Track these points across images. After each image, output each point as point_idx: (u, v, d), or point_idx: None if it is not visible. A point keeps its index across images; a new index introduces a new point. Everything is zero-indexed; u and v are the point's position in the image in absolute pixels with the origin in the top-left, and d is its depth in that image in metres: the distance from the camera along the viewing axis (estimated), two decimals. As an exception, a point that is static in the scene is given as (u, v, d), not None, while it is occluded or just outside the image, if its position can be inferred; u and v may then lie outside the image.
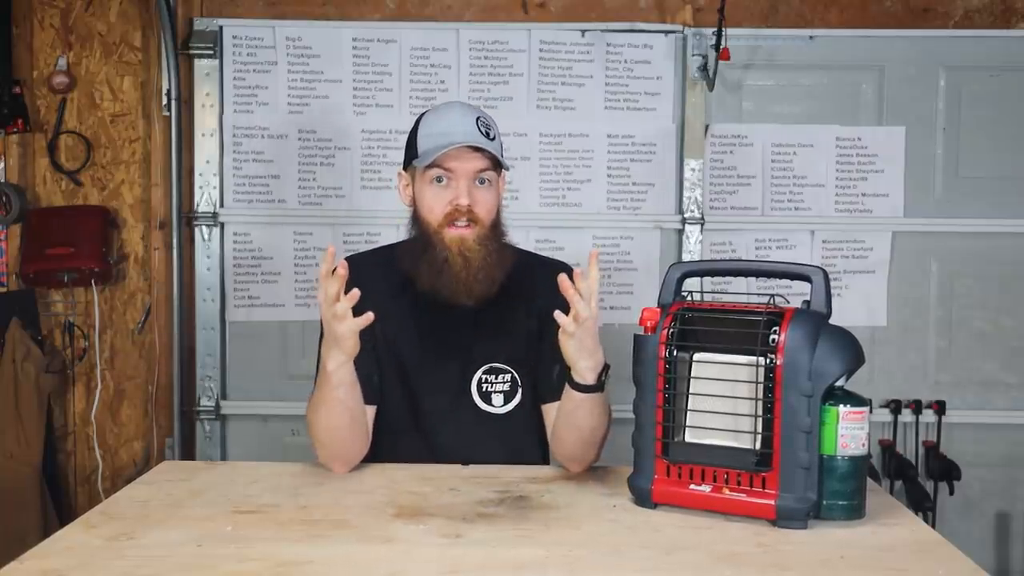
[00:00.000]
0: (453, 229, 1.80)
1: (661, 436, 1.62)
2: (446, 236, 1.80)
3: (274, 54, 3.04)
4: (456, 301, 1.81)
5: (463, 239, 1.80)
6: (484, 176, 1.82)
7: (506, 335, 1.88)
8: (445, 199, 1.80)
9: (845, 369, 1.54)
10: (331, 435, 1.76)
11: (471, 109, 1.87)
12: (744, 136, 3.07)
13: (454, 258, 1.79)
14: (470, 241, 1.80)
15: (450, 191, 1.80)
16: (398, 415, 1.87)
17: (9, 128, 2.98)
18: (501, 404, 1.88)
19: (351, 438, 1.78)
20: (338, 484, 1.75)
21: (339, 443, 1.77)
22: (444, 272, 1.80)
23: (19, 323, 2.94)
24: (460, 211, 1.79)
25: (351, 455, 1.79)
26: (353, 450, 1.79)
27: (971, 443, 3.09)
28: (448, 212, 1.80)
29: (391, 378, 1.87)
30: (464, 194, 1.79)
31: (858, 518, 1.56)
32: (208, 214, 3.04)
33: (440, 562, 1.38)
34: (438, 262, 1.79)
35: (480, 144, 1.79)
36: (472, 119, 1.82)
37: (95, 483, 3.08)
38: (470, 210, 1.79)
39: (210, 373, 3.07)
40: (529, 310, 1.89)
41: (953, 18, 3.07)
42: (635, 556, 1.41)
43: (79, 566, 1.34)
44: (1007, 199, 3.06)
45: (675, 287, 1.70)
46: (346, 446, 1.78)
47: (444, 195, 1.81)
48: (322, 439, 1.77)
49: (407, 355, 1.87)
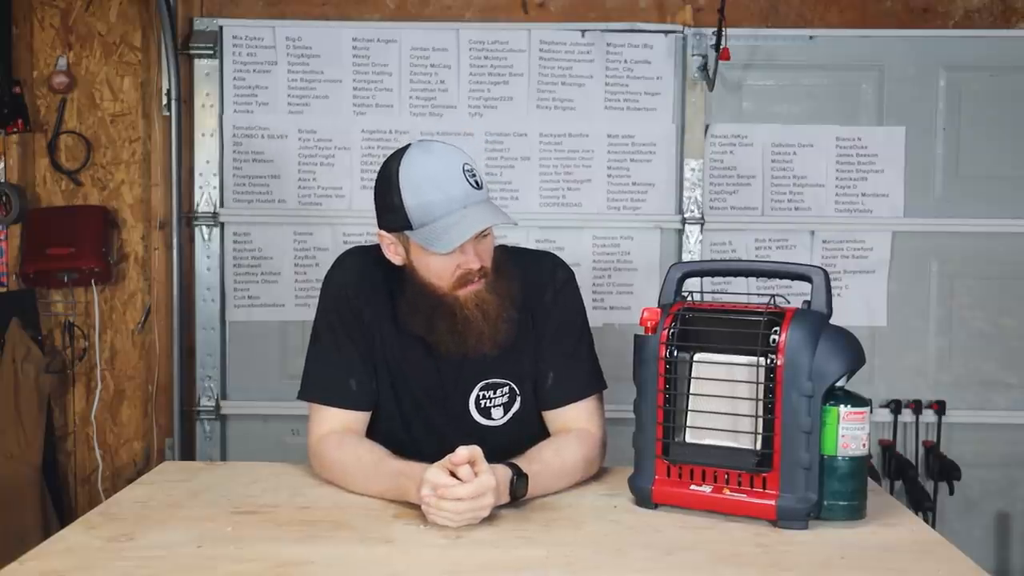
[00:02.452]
0: (466, 288, 1.73)
1: (661, 436, 1.62)
2: (461, 296, 1.74)
3: (274, 54, 3.04)
4: (480, 351, 1.76)
5: (478, 293, 1.74)
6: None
7: (501, 348, 1.82)
8: (453, 264, 1.71)
9: (846, 369, 1.54)
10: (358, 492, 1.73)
11: (451, 158, 1.70)
12: (744, 136, 3.07)
13: (473, 314, 1.74)
14: (484, 293, 1.74)
15: (455, 256, 1.70)
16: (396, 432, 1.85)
17: (9, 128, 2.98)
18: (501, 416, 1.86)
19: None
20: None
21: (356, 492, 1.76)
22: (467, 329, 1.75)
23: (19, 323, 2.94)
24: (473, 273, 1.72)
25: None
26: None
27: (971, 443, 3.08)
28: (459, 275, 1.72)
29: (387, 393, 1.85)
30: (474, 259, 1.71)
31: (859, 518, 1.57)
32: (208, 214, 3.04)
33: (440, 563, 1.38)
34: (458, 322, 1.74)
35: (489, 216, 1.68)
36: (460, 175, 1.68)
37: (95, 483, 3.07)
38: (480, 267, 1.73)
39: (210, 373, 3.06)
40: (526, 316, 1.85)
41: (953, 18, 3.07)
42: (636, 556, 1.41)
43: (79, 567, 1.34)
44: (1007, 199, 3.05)
45: (675, 287, 1.70)
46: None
47: (451, 261, 1.71)
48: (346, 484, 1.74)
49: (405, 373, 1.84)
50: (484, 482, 1.51)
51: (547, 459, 1.71)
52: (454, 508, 1.50)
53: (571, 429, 1.82)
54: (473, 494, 1.50)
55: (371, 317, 1.82)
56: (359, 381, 1.82)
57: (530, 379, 1.86)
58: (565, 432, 1.82)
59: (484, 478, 1.52)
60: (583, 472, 1.78)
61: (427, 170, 1.68)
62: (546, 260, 1.92)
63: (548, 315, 1.85)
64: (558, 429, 1.84)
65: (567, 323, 1.87)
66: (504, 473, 1.59)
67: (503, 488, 1.58)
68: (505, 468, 1.60)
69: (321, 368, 1.85)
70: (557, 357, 1.84)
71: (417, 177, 1.68)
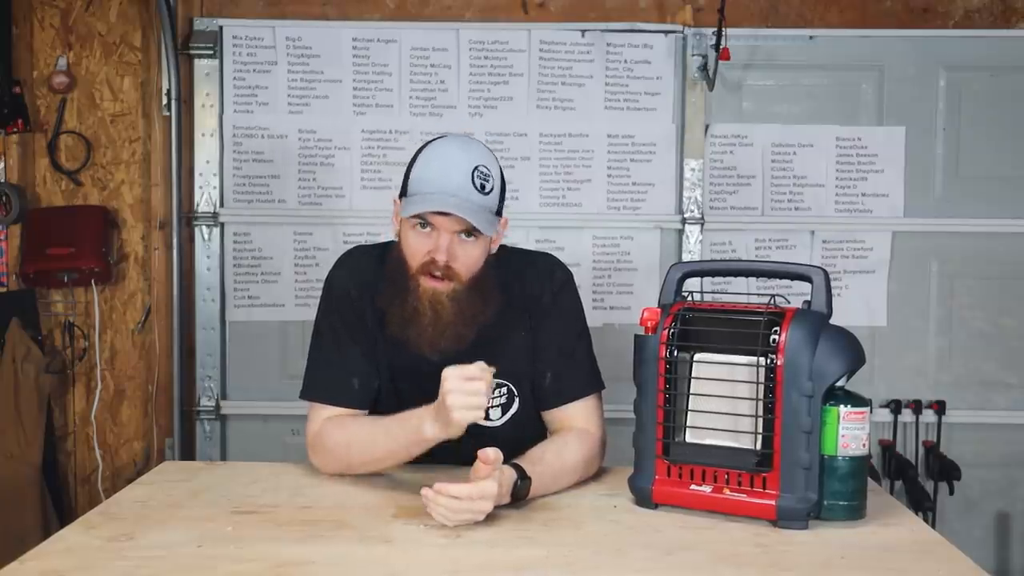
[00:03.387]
0: (428, 280, 1.72)
1: (662, 436, 1.62)
2: (421, 284, 1.73)
3: (274, 54, 3.04)
4: (421, 353, 1.75)
5: (435, 292, 1.72)
6: (472, 231, 1.72)
7: (501, 349, 1.81)
8: (425, 247, 1.72)
9: (846, 369, 1.54)
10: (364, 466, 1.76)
11: (472, 156, 1.73)
12: (744, 136, 3.07)
13: (424, 309, 1.73)
14: (442, 295, 1.72)
15: (430, 241, 1.71)
16: None
17: (9, 128, 2.98)
18: (499, 417, 1.85)
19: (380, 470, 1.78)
20: (338, 484, 1.75)
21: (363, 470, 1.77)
22: (412, 322, 1.74)
23: (19, 323, 2.94)
24: (436, 264, 1.71)
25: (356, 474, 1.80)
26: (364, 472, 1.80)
27: (971, 443, 3.08)
28: (425, 261, 1.72)
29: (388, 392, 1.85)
30: (443, 250, 1.70)
31: (859, 518, 1.57)
32: (208, 214, 3.04)
33: (440, 562, 1.38)
34: (407, 310, 1.73)
35: (463, 210, 1.67)
36: (469, 170, 1.70)
37: (95, 483, 3.07)
38: (447, 265, 1.71)
39: (210, 373, 3.06)
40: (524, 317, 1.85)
41: (953, 18, 3.07)
42: (636, 556, 1.41)
43: (79, 567, 1.34)
44: (1007, 199, 3.05)
45: (675, 287, 1.70)
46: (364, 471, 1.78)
47: (424, 243, 1.72)
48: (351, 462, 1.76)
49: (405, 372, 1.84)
50: (485, 488, 1.51)
51: (549, 460, 1.71)
52: (448, 505, 1.50)
53: (570, 429, 1.82)
54: (469, 495, 1.50)
55: (373, 316, 1.82)
56: (361, 380, 1.82)
57: (528, 380, 1.86)
58: (565, 432, 1.81)
59: (486, 484, 1.52)
60: (583, 472, 1.78)
61: (443, 151, 1.75)
62: (544, 261, 1.92)
63: (546, 316, 1.85)
64: (557, 429, 1.84)
65: (565, 324, 1.87)
66: (509, 474, 1.59)
67: (505, 489, 1.58)
68: (510, 470, 1.61)
69: (323, 368, 1.85)
70: (555, 357, 1.84)
71: (432, 154, 1.76)
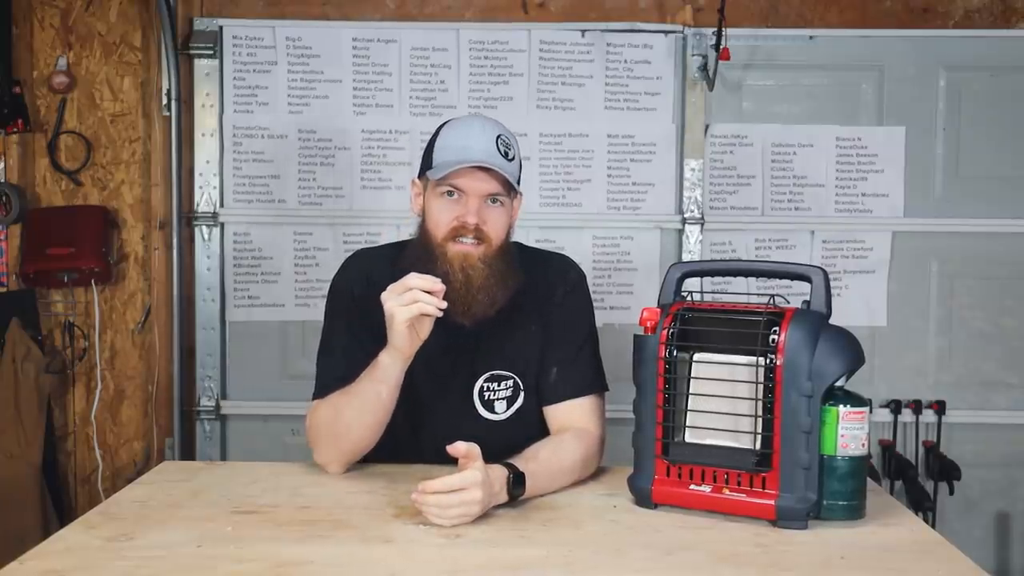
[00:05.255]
0: (458, 244, 1.74)
1: (661, 436, 1.62)
2: (449, 251, 1.75)
3: (274, 54, 3.04)
4: (452, 319, 1.74)
5: (467, 255, 1.75)
6: (497, 197, 1.76)
7: (510, 341, 1.85)
8: (453, 214, 1.75)
9: (845, 369, 1.54)
10: (350, 430, 1.74)
11: (494, 125, 1.81)
12: (744, 136, 3.07)
13: (455, 274, 1.74)
14: (474, 258, 1.74)
15: (459, 206, 1.75)
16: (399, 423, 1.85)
17: (9, 128, 2.98)
18: (504, 410, 1.86)
19: (369, 437, 1.76)
20: (338, 484, 1.75)
21: (352, 440, 1.76)
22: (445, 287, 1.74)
23: (19, 323, 2.94)
24: (467, 228, 1.74)
25: (355, 453, 1.79)
26: (358, 448, 1.78)
27: (971, 443, 3.09)
28: (454, 227, 1.74)
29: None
30: (473, 212, 1.73)
31: (858, 518, 1.57)
32: (208, 214, 3.04)
33: (440, 562, 1.38)
34: (438, 276, 1.71)
35: (495, 166, 1.73)
36: (492, 136, 1.77)
37: (95, 483, 3.08)
38: (478, 228, 1.74)
39: (210, 373, 3.07)
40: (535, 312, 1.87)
41: (953, 18, 3.07)
42: (635, 556, 1.41)
43: (79, 567, 1.34)
44: (1007, 199, 3.05)
45: (675, 287, 1.70)
46: (356, 444, 1.77)
47: (452, 210, 1.75)
48: (337, 431, 1.75)
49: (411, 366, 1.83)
50: (466, 476, 1.51)
51: (544, 458, 1.70)
52: (437, 501, 1.49)
53: (570, 426, 1.82)
54: (451, 486, 1.49)
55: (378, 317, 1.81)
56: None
57: (534, 376, 1.87)
58: (564, 430, 1.82)
59: (467, 472, 1.51)
60: (581, 471, 1.78)
61: (465, 123, 1.84)
62: (559, 261, 1.95)
63: (557, 313, 1.86)
64: (557, 426, 1.84)
65: (575, 322, 1.88)
66: (500, 472, 1.59)
67: (499, 487, 1.57)
68: (501, 467, 1.60)
69: (332, 372, 1.84)
70: (562, 354, 1.85)
71: (454, 127, 1.83)
